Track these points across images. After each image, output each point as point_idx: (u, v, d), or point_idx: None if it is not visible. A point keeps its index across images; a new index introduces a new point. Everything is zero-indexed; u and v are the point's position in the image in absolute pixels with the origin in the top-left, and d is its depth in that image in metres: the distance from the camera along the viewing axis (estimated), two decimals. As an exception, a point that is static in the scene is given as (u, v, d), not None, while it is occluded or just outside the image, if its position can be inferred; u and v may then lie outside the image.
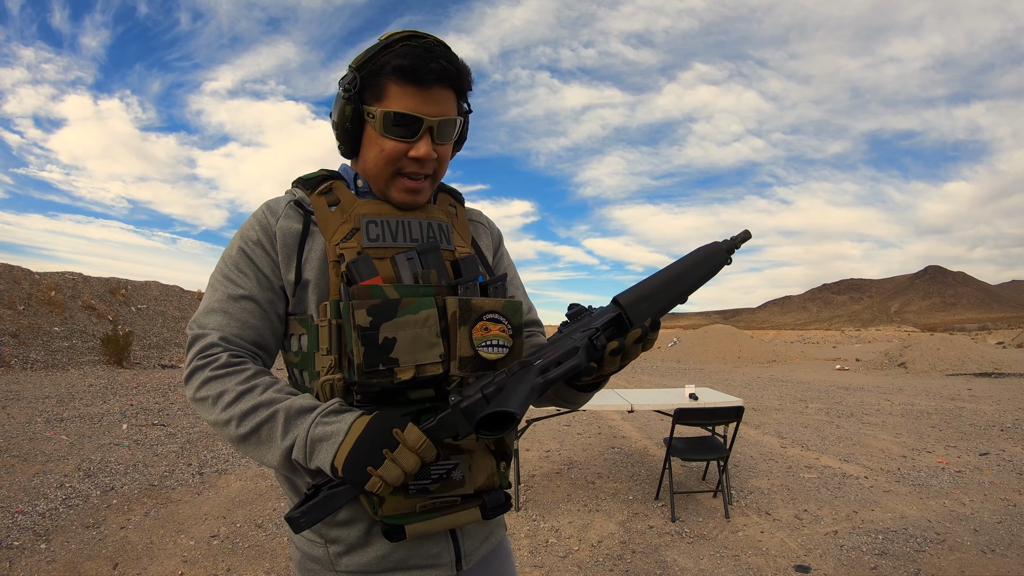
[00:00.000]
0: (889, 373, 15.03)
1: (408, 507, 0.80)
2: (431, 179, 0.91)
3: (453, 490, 0.83)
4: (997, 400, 9.18)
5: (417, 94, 0.84)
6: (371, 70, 0.85)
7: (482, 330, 0.82)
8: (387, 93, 0.84)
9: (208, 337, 0.83)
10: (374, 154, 0.87)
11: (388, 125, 0.84)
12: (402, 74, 0.83)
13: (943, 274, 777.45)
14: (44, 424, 5.73)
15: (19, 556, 2.89)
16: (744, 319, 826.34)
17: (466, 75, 0.89)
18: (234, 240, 0.90)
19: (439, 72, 0.83)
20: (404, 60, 0.82)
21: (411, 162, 0.87)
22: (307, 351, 0.86)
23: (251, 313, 0.86)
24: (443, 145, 0.89)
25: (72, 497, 3.75)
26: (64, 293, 12.07)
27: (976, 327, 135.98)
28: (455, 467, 0.84)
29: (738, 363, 18.92)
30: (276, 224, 0.87)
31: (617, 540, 3.35)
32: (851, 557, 3.11)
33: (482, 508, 0.87)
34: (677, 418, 3.69)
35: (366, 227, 0.86)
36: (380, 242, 0.87)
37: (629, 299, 0.83)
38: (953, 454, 5.53)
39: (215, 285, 0.88)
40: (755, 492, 4.28)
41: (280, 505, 3.81)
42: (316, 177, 0.92)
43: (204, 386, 0.81)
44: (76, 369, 9.72)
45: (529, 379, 0.75)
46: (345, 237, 0.85)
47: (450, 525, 0.85)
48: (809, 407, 8.68)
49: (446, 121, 0.87)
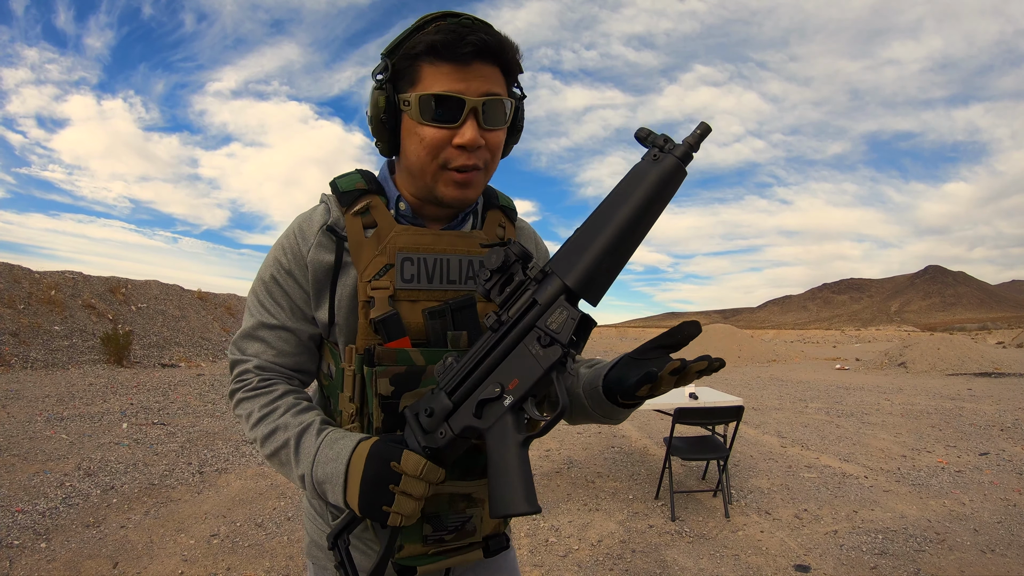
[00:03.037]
0: (889, 373, 15.03)
1: (423, 551, 0.82)
2: (483, 171, 0.81)
3: (465, 539, 0.84)
4: (997, 400, 9.18)
5: (455, 72, 0.73)
6: (403, 54, 0.76)
7: None
8: (422, 76, 0.75)
9: (245, 364, 0.86)
10: (414, 146, 0.78)
11: (426, 110, 0.74)
12: (436, 52, 0.73)
13: (943, 274, 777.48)
14: (44, 423, 5.73)
15: (19, 555, 2.89)
16: (744, 319, 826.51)
17: (510, 49, 0.77)
18: (269, 260, 0.87)
19: (477, 45, 0.73)
20: (437, 36, 0.73)
21: (457, 152, 0.76)
22: (335, 379, 0.86)
23: (286, 341, 0.86)
24: (492, 131, 0.78)
25: (72, 496, 3.75)
26: (64, 292, 12.06)
27: (976, 327, 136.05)
28: (470, 519, 0.84)
29: (738, 363, 18.92)
30: (308, 255, 0.83)
31: (617, 539, 3.35)
32: (851, 557, 3.11)
33: (485, 550, 0.88)
34: (677, 417, 3.69)
35: (401, 265, 0.80)
36: (414, 283, 0.81)
37: (584, 283, 0.64)
38: (953, 454, 5.53)
39: (252, 309, 0.88)
40: (755, 492, 4.28)
41: (280, 504, 3.81)
42: (353, 190, 0.84)
43: (238, 406, 0.85)
44: (76, 368, 9.73)
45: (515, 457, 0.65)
46: (378, 274, 0.80)
47: (456, 564, 0.87)
48: (809, 407, 8.69)
49: (492, 101, 0.76)
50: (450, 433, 0.70)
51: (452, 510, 0.82)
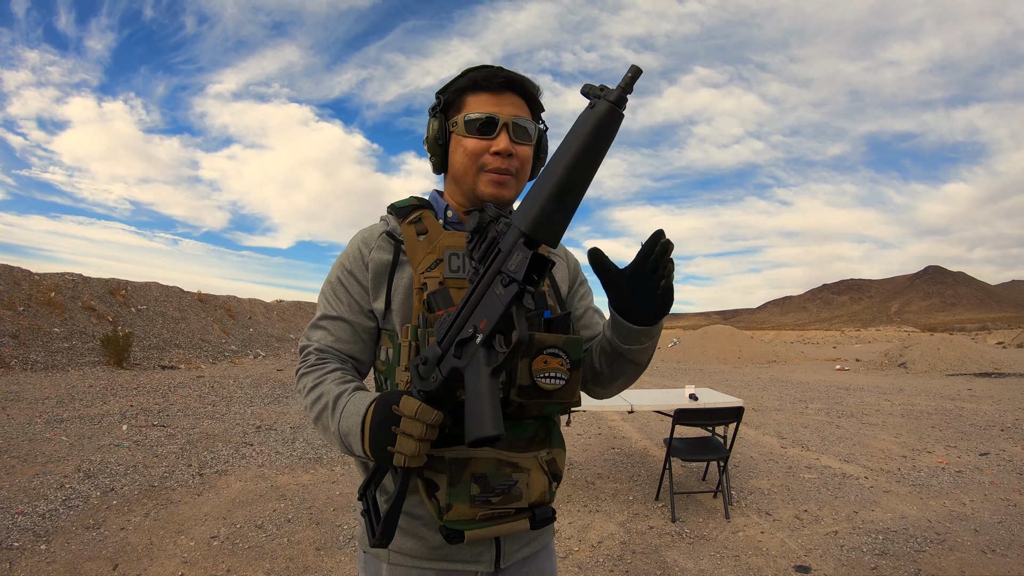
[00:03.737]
0: (889, 373, 15.03)
1: (471, 515, 0.88)
2: (514, 177, 1.00)
3: (511, 503, 0.91)
4: (997, 400, 9.19)
5: (491, 98, 0.98)
6: (452, 90, 1.01)
7: (542, 363, 0.90)
8: (466, 103, 0.99)
9: (309, 347, 1.03)
10: (460, 155, 0.99)
11: (470, 127, 0.98)
12: (476, 85, 0.99)
13: (943, 274, 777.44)
14: (44, 425, 5.73)
15: (19, 557, 2.89)
16: (744, 319, 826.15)
17: (532, 86, 1.01)
18: (336, 265, 1.06)
19: (507, 78, 0.98)
20: (477, 74, 0.99)
21: (493, 157, 0.97)
22: (391, 362, 0.98)
23: (344, 331, 1.02)
24: (521, 145, 0.99)
25: (72, 498, 3.75)
26: (64, 294, 12.06)
27: (976, 327, 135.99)
28: (516, 483, 0.91)
29: (738, 363, 18.91)
30: (369, 255, 1.01)
31: (617, 541, 3.35)
32: (851, 557, 3.11)
33: (531, 519, 0.95)
34: (677, 418, 3.69)
35: (448, 259, 0.97)
36: (460, 273, 0.97)
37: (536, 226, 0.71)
38: (953, 454, 5.53)
39: (320, 304, 1.06)
40: (755, 492, 4.28)
41: (280, 506, 3.81)
42: (408, 206, 1.05)
43: (299, 381, 1.00)
44: (76, 370, 9.72)
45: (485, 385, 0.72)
46: (430, 267, 0.96)
47: (503, 532, 0.93)
48: (809, 407, 8.68)
49: (520, 120, 0.99)
50: (440, 376, 0.78)
51: (499, 473, 0.90)
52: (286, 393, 8.84)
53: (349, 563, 3.01)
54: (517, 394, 0.89)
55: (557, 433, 1.00)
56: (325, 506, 3.84)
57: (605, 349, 0.98)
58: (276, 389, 9.19)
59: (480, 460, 0.89)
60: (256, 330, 17.26)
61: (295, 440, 5.71)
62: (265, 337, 17.00)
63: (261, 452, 5.20)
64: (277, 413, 7.17)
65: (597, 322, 1.14)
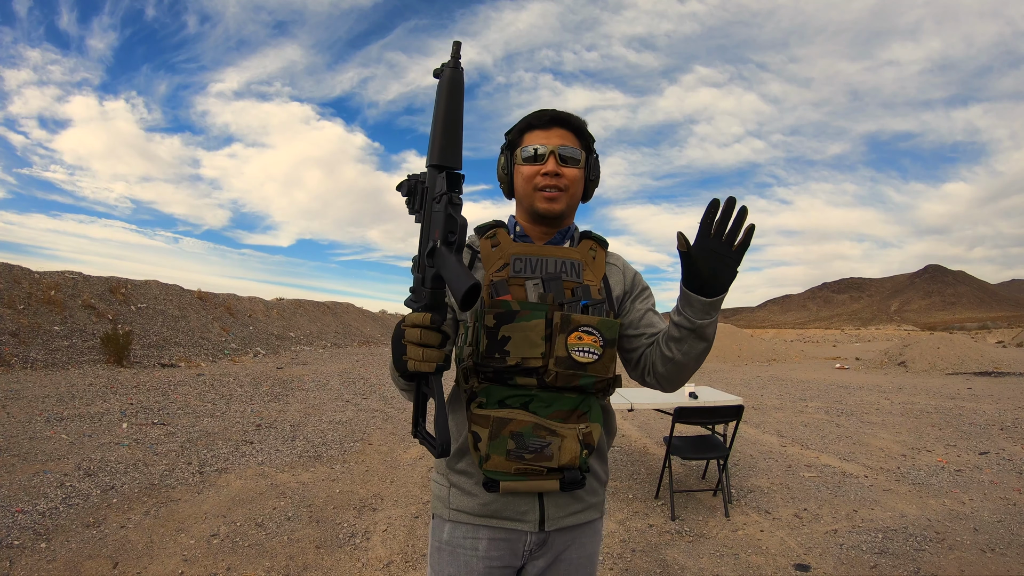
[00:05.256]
0: (889, 372, 15.04)
1: (506, 467, 1.05)
2: (565, 193, 1.20)
3: (542, 462, 1.06)
4: (997, 399, 9.19)
5: (541, 134, 1.21)
6: (513, 132, 1.25)
7: (577, 338, 1.07)
8: (524, 140, 1.23)
9: None
10: (520, 180, 1.23)
11: (526, 158, 1.21)
12: (530, 125, 1.22)
13: (943, 273, 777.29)
14: (44, 423, 5.73)
15: (19, 555, 2.89)
16: (744, 318, 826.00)
17: (576, 119, 1.22)
18: None
19: (553, 116, 1.22)
20: (531, 116, 1.23)
21: (544, 178, 1.19)
22: (461, 344, 1.16)
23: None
24: (569, 168, 1.19)
25: (72, 496, 3.75)
26: (64, 292, 12.06)
27: (976, 326, 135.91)
28: (548, 444, 1.06)
29: (738, 362, 18.92)
30: None
31: (617, 539, 3.35)
32: (851, 556, 3.11)
33: (561, 481, 1.07)
34: (677, 417, 3.69)
35: (513, 262, 1.18)
36: (522, 273, 1.18)
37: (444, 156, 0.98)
38: (953, 453, 5.54)
39: None
40: (755, 491, 4.28)
41: (280, 504, 3.81)
42: (486, 225, 1.27)
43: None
44: (76, 368, 9.72)
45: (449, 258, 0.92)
46: (499, 269, 1.18)
47: (534, 489, 1.08)
48: (809, 406, 8.69)
49: (565, 147, 1.20)
50: (427, 289, 0.98)
51: (535, 434, 1.06)
52: (286, 391, 8.84)
53: (349, 561, 3.01)
54: (555, 364, 1.06)
55: (596, 410, 1.12)
56: (325, 504, 3.85)
57: (673, 335, 1.09)
58: (276, 387, 9.19)
59: (520, 421, 1.06)
60: (256, 328, 17.26)
61: (295, 438, 5.72)
62: (265, 335, 17.00)
63: (261, 450, 5.20)
64: (277, 411, 7.18)
65: (657, 321, 1.28)
